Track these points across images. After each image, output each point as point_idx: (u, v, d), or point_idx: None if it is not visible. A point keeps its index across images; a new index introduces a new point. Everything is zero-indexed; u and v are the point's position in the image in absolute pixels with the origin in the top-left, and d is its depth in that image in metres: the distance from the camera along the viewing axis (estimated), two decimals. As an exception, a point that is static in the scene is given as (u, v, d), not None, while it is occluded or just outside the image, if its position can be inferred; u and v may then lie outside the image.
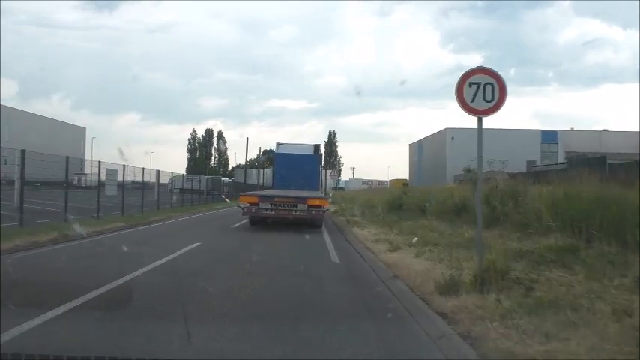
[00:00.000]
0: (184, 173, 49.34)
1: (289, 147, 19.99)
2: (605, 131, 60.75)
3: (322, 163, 22.76)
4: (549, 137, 60.39)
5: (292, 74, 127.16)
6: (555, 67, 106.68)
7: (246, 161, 56.94)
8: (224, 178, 57.88)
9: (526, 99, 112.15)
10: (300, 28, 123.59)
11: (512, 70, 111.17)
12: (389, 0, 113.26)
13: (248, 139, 55.97)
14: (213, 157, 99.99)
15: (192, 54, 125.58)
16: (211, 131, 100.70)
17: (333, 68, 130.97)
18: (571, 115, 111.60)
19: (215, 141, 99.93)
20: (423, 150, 71.37)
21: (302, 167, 18.54)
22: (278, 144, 20.35)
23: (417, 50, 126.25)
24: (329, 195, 31.99)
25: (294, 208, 14.17)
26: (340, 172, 53.43)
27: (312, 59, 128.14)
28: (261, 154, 61.14)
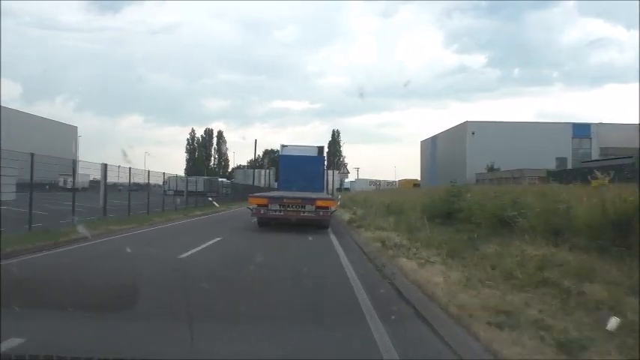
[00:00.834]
0: (177, 174, 44.25)
1: (293, 149, 19.90)
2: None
3: (326, 165, 22.37)
4: (581, 131, 53.77)
5: (295, 75, 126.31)
6: (559, 67, 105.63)
7: (256, 163, 54.76)
8: (221, 179, 53.66)
9: (530, 99, 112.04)
10: (304, 28, 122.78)
11: (515, 70, 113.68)
12: (392, 0, 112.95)
13: (256, 140, 55.24)
14: (213, 158, 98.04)
15: (195, 55, 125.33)
16: (211, 131, 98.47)
17: (336, 69, 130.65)
18: (575, 115, 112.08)
19: (215, 141, 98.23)
20: (437, 147, 64.58)
21: (306, 169, 18.54)
22: (282, 146, 20.37)
23: (420, 50, 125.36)
24: (338, 197, 27.88)
25: (303, 209, 14.19)
26: (346, 167, 47.63)
27: (315, 60, 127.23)
28: (262, 155, 56.43)
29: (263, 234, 13.93)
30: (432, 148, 66.55)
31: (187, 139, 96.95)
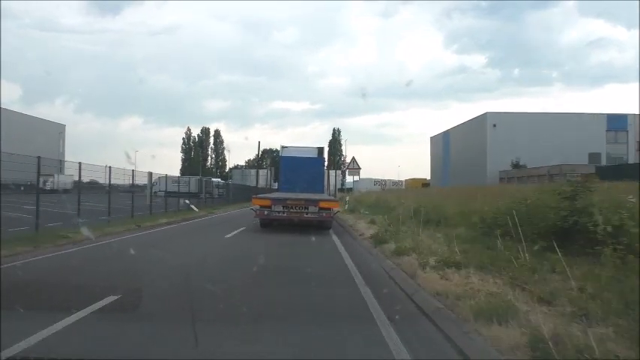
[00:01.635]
0: (166, 174, 40.07)
1: (294, 150, 20.02)
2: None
3: (326, 165, 22.01)
4: (616, 123, 47.83)
5: (296, 75, 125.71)
6: (559, 67, 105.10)
7: (259, 164, 51.45)
8: (216, 180, 48.57)
9: (530, 99, 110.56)
10: (304, 29, 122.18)
11: (515, 70, 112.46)
12: (392, 0, 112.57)
13: (260, 142, 52.79)
14: (210, 158, 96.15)
15: (195, 56, 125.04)
16: (208, 130, 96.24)
17: (336, 69, 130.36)
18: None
19: (212, 140, 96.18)
20: (450, 143, 58.54)
21: (307, 170, 18.69)
22: (282, 147, 20.60)
23: (420, 51, 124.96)
24: (346, 199, 26.56)
25: (306, 210, 14.46)
26: (356, 162, 41.76)
27: (315, 60, 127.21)
28: (260, 155, 51.24)
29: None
30: (443, 144, 60.52)
31: (183, 139, 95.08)
